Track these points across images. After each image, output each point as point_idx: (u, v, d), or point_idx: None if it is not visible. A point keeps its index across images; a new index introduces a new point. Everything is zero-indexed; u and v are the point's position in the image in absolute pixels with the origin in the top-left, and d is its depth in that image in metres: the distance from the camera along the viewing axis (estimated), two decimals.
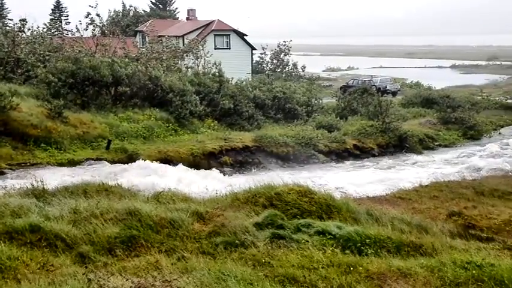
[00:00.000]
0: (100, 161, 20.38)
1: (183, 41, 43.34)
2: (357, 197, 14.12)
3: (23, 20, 31.48)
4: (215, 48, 42.28)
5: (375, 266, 7.05)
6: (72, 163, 19.94)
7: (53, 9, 66.79)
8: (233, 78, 31.68)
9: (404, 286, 6.60)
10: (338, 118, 29.98)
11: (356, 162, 24.94)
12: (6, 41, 29.36)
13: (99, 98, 25.87)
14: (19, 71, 28.54)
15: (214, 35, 44.65)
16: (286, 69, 52.18)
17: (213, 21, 46.25)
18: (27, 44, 30.31)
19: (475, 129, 31.17)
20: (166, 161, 21.01)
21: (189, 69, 35.27)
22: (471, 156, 25.32)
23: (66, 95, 24.73)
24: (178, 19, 61.47)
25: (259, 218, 8.78)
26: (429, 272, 6.93)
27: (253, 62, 49.31)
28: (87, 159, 20.43)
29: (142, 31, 47.72)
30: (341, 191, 15.99)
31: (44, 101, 22.95)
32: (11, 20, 38.15)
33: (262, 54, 52.88)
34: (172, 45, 37.68)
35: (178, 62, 36.15)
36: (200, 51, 37.46)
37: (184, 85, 27.39)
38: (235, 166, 22.78)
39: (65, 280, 6.17)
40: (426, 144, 28.21)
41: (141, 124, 24.08)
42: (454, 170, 21.93)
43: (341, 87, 47.36)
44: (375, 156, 25.95)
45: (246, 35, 46.35)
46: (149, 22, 49.62)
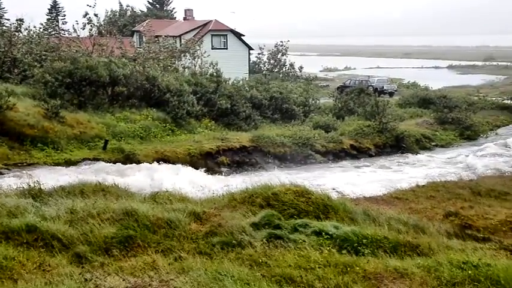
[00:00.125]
0: (97, 161, 20.34)
1: (180, 41, 43.27)
2: (354, 197, 14.15)
3: (19, 19, 31.42)
4: (212, 48, 42.23)
5: (371, 266, 7.06)
6: (69, 163, 19.88)
7: (49, 9, 66.70)
8: (230, 79, 31.70)
9: (401, 286, 6.61)
10: (335, 118, 30.02)
11: (353, 162, 24.98)
12: (3, 41, 29.31)
13: (96, 98, 25.83)
14: (16, 71, 28.46)
15: (212, 35, 44.60)
16: (284, 70, 52.13)
17: (210, 21, 46.19)
18: (24, 43, 30.25)
19: (472, 129, 31.29)
20: (163, 161, 21.02)
21: (186, 69, 35.26)
22: (468, 157, 25.36)
23: (63, 95, 24.69)
24: (176, 19, 61.40)
25: (256, 218, 8.77)
26: (426, 272, 6.94)
27: (251, 62, 49.22)
28: (84, 159, 20.39)
29: (140, 31, 47.62)
30: (338, 191, 16.00)
31: (40, 101, 22.91)
32: (8, 19, 37.95)
33: (259, 54, 52.83)
34: (169, 45, 37.64)
35: (176, 62, 36.12)
36: (197, 51, 37.41)
37: (181, 85, 27.41)
38: (232, 166, 22.80)
39: (61, 280, 6.16)
40: (423, 144, 28.28)
41: (138, 124, 24.06)
42: (451, 170, 22.03)
43: (338, 88, 47.42)
44: (371, 156, 26.00)
45: (243, 35, 46.33)
46: (146, 22, 49.53)
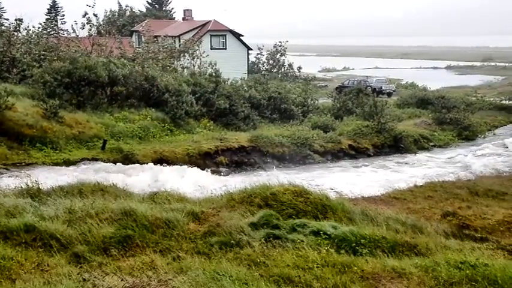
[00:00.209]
0: (96, 161, 20.33)
1: (179, 41, 43.27)
2: (352, 197, 14.17)
3: (18, 19, 31.41)
4: (211, 49, 42.27)
5: (369, 265, 7.08)
6: (67, 163, 19.85)
7: (48, 9, 66.55)
8: (229, 79, 31.68)
9: (398, 286, 6.62)
10: (333, 118, 30.03)
11: (351, 162, 24.98)
12: (2, 41, 29.28)
13: (95, 98, 25.79)
14: (14, 71, 28.42)
15: (210, 35, 44.64)
16: (282, 70, 52.18)
17: (209, 21, 46.21)
18: (22, 43, 30.22)
19: (470, 129, 31.30)
20: (162, 162, 21.03)
21: (185, 70, 35.24)
22: (466, 157, 25.40)
23: (62, 94, 24.66)
24: (175, 19, 61.43)
25: (254, 218, 8.79)
26: (423, 271, 6.96)
27: (249, 62, 49.27)
28: (82, 159, 20.37)
29: (138, 31, 47.61)
30: (336, 191, 15.99)
31: (39, 101, 22.86)
32: (7, 19, 37.87)
33: (258, 54, 52.84)
34: (168, 46, 37.63)
35: (174, 62, 36.10)
36: (196, 51, 37.41)
37: (180, 85, 27.39)
38: (231, 166, 22.79)
39: (59, 280, 6.15)
40: (421, 144, 28.28)
41: (136, 124, 24.04)
42: (449, 170, 22.05)
43: (336, 88, 47.49)
44: (370, 157, 26.00)
45: (242, 35, 46.36)
46: (145, 22, 49.55)
